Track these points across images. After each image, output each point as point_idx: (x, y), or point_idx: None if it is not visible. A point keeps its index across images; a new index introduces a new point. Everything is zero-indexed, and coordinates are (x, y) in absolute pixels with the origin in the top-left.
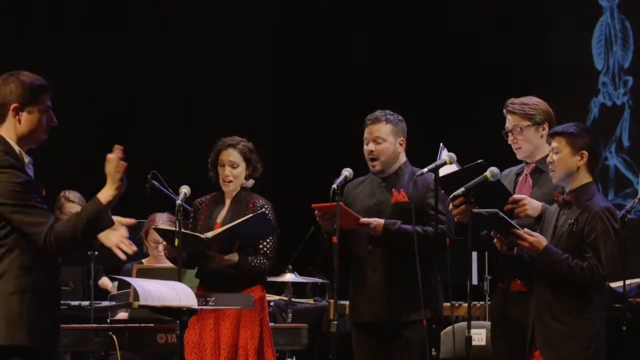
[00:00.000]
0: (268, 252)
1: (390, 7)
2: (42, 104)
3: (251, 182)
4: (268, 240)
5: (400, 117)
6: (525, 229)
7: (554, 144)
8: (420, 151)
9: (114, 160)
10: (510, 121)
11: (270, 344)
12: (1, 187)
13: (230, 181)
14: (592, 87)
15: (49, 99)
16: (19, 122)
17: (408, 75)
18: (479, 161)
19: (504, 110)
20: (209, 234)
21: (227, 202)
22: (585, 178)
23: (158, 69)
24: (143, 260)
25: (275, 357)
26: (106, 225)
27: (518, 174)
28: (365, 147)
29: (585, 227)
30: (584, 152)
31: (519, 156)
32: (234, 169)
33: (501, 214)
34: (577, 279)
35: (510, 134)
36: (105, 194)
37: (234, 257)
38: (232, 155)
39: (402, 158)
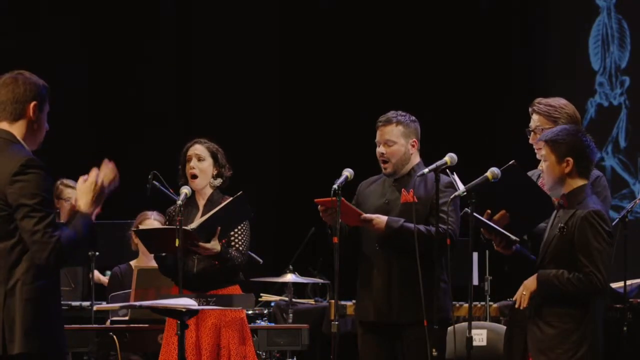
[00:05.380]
0: (240, 248)
1: (394, 7)
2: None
3: (219, 181)
4: (239, 237)
5: (413, 118)
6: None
7: (542, 151)
8: (428, 151)
9: (91, 183)
10: (534, 121)
11: (251, 343)
12: (28, 187)
13: (196, 176)
14: (589, 87)
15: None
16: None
17: (410, 76)
18: (510, 163)
19: (530, 109)
20: (193, 225)
21: (201, 205)
22: (577, 182)
23: (159, 69)
24: (132, 262)
25: (255, 357)
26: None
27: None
28: (377, 149)
29: (576, 232)
30: (569, 158)
31: (540, 156)
32: (200, 162)
33: (477, 215)
34: (578, 290)
35: (532, 133)
36: (86, 209)
37: (216, 245)
38: (198, 149)
39: (415, 159)
